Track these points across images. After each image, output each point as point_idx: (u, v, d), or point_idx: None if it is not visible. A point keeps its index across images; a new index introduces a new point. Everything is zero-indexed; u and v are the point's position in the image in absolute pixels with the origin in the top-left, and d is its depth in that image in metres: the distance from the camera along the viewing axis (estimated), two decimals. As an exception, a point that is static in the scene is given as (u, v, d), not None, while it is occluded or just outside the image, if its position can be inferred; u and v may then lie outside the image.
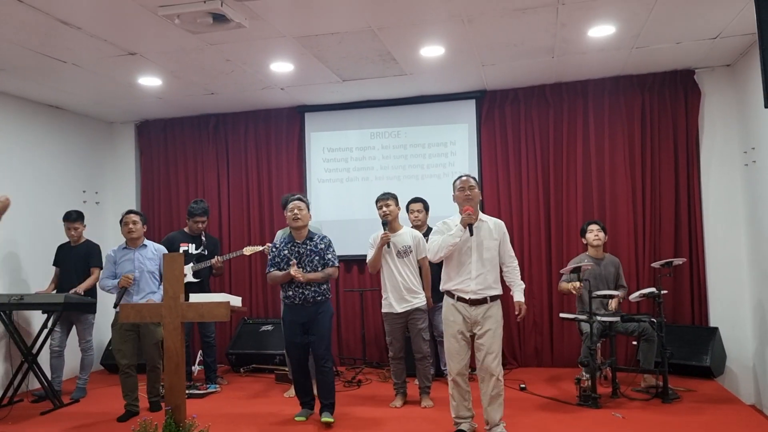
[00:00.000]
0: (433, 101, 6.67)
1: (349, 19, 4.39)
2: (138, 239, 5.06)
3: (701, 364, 5.47)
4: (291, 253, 4.62)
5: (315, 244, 4.66)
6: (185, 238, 5.98)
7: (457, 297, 4.06)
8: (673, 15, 4.50)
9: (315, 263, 4.60)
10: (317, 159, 7.03)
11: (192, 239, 5.97)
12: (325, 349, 4.61)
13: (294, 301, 4.58)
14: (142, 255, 5.04)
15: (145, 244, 5.13)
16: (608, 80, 6.17)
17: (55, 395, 5.38)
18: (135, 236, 5.03)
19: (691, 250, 5.95)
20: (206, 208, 6.03)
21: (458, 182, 4.14)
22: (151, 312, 3.67)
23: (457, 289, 4.05)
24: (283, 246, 4.68)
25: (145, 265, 5.01)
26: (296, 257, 4.60)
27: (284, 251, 4.65)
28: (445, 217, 4.26)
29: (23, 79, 5.55)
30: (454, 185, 4.16)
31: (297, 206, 4.61)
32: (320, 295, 4.58)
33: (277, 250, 4.69)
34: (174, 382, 3.39)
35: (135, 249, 5.05)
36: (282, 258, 4.64)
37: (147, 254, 5.07)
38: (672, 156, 6.05)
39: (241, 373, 6.49)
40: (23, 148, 6.22)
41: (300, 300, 4.55)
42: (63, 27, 4.33)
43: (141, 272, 5.00)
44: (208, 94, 6.37)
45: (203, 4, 3.92)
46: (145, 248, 5.09)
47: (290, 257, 4.60)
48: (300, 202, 4.66)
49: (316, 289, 4.56)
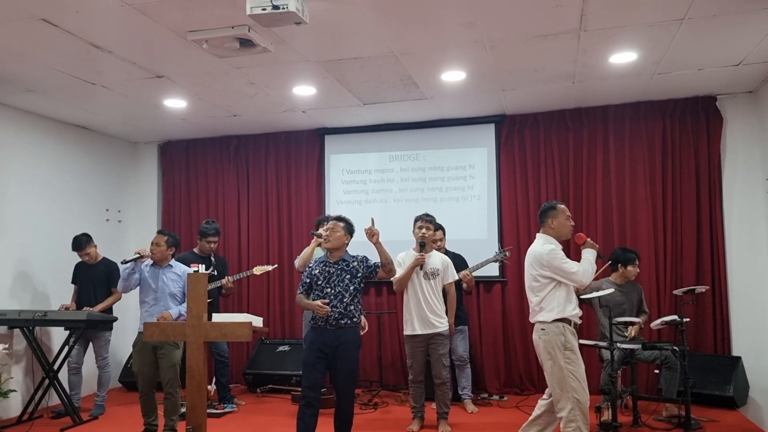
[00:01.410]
0: (453, 125, 6.71)
1: (372, 44, 4.47)
2: (161, 260, 5.01)
3: (724, 393, 5.38)
4: (321, 273, 4.37)
5: (347, 263, 4.40)
6: (196, 259, 5.89)
7: (573, 323, 3.96)
8: (696, 42, 4.52)
9: (346, 282, 4.31)
10: (336, 181, 7.09)
11: (202, 260, 5.91)
12: (350, 384, 4.31)
13: (318, 322, 4.31)
14: (166, 276, 4.99)
15: (171, 264, 5.06)
16: (629, 106, 6.18)
17: (75, 411, 5.41)
18: (156, 257, 5.00)
19: (713, 278, 5.89)
20: (218, 228, 6.06)
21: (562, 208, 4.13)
22: (175, 331, 3.70)
23: (573, 315, 3.96)
24: (316, 265, 4.45)
25: (167, 286, 4.98)
26: (325, 277, 4.34)
27: (315, 270, 4.41)
28: (463, 241, 4.25)
29: (53, 99, 5.68)
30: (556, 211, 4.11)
31: (330, 227, 4.43)
32: (345, 318, 4.26)
33: (309, 269, 4.46)
34: (196, 401, 3.41)
35: (160, 269, 5.05)
36: (312, 278, 4.39)
37: (171, 276, 5.00)
38: (693, 182, 6.02)
39: (258, 394, 6.48)
40: (50, 166, 6.35)
41: (323, 321, 4.27)
42: (95, 50, 4.44)
43: (162, 293, 4.97)
44: (230, 116, 6.47)
45: (231, 29, 4.01)
46: (170, 269, 5.06)
47: (319, 277, 4.37)
48: (336, 222, 4.44)
49: (341, 311, 4.24)
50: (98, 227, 6.58)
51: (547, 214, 4.12)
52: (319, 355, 4.24)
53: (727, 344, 5.80)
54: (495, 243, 6.39)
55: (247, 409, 5.96)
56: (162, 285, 4.95)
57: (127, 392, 6.65)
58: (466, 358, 5.71)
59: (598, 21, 4.12)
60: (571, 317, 3.92)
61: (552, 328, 3.89)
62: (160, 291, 4.94)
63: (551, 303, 3.93)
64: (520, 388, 6.37)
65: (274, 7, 3.31)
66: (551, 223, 4.09)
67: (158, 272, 4.99)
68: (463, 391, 5.73)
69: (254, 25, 3.95)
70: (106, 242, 6.32)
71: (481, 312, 6.53)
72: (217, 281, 5.89)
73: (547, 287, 3.95)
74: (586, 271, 3.95)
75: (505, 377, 6.44)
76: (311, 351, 4.28)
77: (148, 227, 7.49)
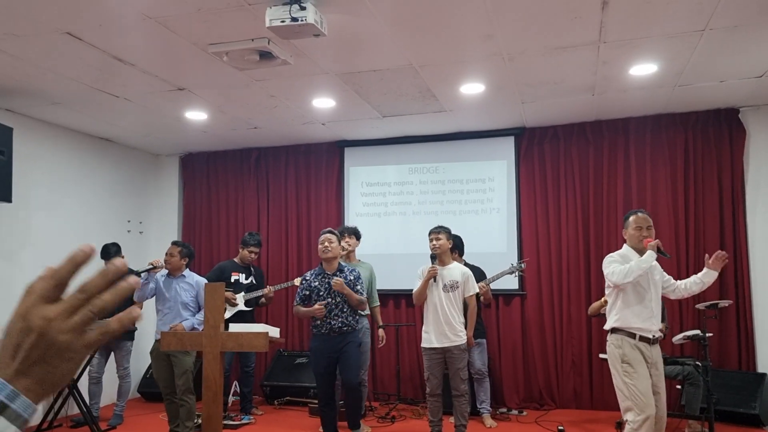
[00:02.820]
0: (472, 137, 6.70)
1: (391, 56, 4.49)
2: (175, 270, 5.12)
3: (749, 411, 5.25)
4: (321, 284, 4.76)
5: (344, 276, 4.78)
6: (236, 268, 6.15)
7: (639, 337, 3.85)
8: (717, 53, 4.48)
9: (344, 295, 4.72)
10: (356, 193, 7.10)
11: (242, 269, 6.14)
12: (356, 377, 4.73)
13: (321, 330, 4.71)
14: (179, 285, 5.09)
15: (184, 274, 5.16)
16: (650, 118, 6.12)
17: (94, 421, 5.44)
18: (169, 267, 5.11)
19: (737, 292, 5.78)
20: (260, 240, 6.28)
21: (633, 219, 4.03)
22: (192, 341, 3.72)
23: (640, 328, 3.85)
24: (313, 278, 4.83)
25: (180, 296, 5.07)
26: (326, 288, 4.73)
27: (314, 283, 4.80)
28: (482, 254, 4.23)
29: (77, 112, 5.79)
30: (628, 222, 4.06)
31: (327, 239, 4.79)
32: (347, 326, 4.71)
33: (307, 282, 4.85)
34: (212, 412, 3.41)
35: (174, 278, 5.13)
36: (312, 290, 4.78)
37: (183, 285, 5.09)
38: (716, 196, 5.93)
39: (275, 405, 6.48)
40: (73, 178, 6.46)
41: (326, 329, 4.68)
42: (118, 64, 4.52)
43: (175, 302, 5.06)
44: (251, 129, 6.53)
45: (251, 42, 4.06)
46: (183, 279, 5.14)
47: (320, 288, 4.73)
48: (331, 234, 4.82)
49: (343, 320, 4.69)
50: (120, 238, 6.62)
51: (624, 225, 4.12)
52: (328, 362, 4.69)
53: (752, 360, 5.67)
54: (514, 256, 6.35)
55: (264, 419, 5.96)
56: (175, 294, 5.07)
57: (146, 402, 6.68)
58: (484, 372, 5.65)
59: (618, 32, 4.09)
60: (631, 329, 3.84)
61: (612, 339, 3.93)
62: (172, 300, 5.06)
63: (612, 311, 3.97)
64: (539, 402, 6.28)
65: (293, 20, 3.35)
66: (624, 234, 4.10)
67: (172, 282, 5.10)
68: (481, 405, 5.67)
69: (274, 38, 3.99)
70: (127, 253, 6.37)
71: (500, 325, 6.47)
72: (258, 290, 6.04)
73: (611, 295, 3.99)
74: (622, 271, 3.80)
75: (524, 392, 6.36)
76: (320, 359, 4.72)
77: (169, 238, 7.50)
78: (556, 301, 6.34)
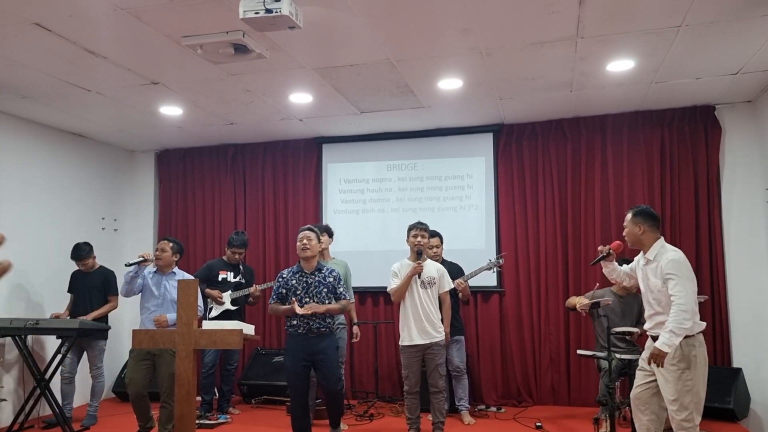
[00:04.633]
0: (450, 134, 6.69)
1: (368, 51, 4.44)
2: (166, 265, 5.05)
3: (724, 406, 5.30)
4: (299, 283, 4.63)
5: (324, 276, 4.67)
6: (224, 266, 6.10)
7: (651, 336, 3.95)
8: (693, 50, 4.50)
9: (322, 295, 4.61)
10: (334, 190, 7.05)
11: (231, 267, 6.09)
12: (336, 384, 4.61)
13: (298, 330, 4.57)
14: (168, 282, 5.00)
15: (174, 271, 5.09)
16: (627, 115, 6.15)
17: (66, 422, 5.33)
18: (161, 263, 5.04)
19: (712, 289, 5.83)
20: (245, 240, 6.17)
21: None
22: (165, 338, 3.64)
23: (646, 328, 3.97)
24: (291, 276, 4.69)
25: (170, 293, 4.98)
26: (304, 287, 4.61)
27: (292, 281, 4.65)
28: (460, 250, 4.22)
29: (48, 107, 5.66)
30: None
31: (306, 236, 4.67)
32: (325, 327, 4.59)
33: (284, 280, 4.69)
34: (184, 410, 3.34)
35: (163, 275, 5.05)
36: (289, 288, 4.63)
37: (173, 283, 4.96)
38: (692, 193, 5.98)
39: (253, 404, 6.41)
40: (46, 174, 6.32)
41: (304, 329, 4.55)
42: (89, 56, 4.42)
43: (164, 299, 4.98)
44: (227, 124, 6.44)
45: (225, 35, 3.99)
46: (173, 276, 5.05)
47: (297, 287, 4.61)
48: (310, 232, 4.70)
49: (320, 321, 4.56)
50: (94, 236, 6.52)
51: None
52: (304, 363, 4.55)
53: (727, 356, 5.73)
54: (493, 253, 6.34)
55: (241, 418, 5.89)
56: (164, 291, 4.99)
57: (121, 403, 6.56)
58: (462, 369, 5.64)
59: (595, 28, 4.09)
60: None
61: None
62: (162, 297, 4.98)
63: None
64: (517, 399, 6.29)
65: (267, 11, 3.29)
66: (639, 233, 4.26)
67: (161, 279, 5.02)
68: (460, 402, 5.66)
69: (249, 31, 3.93)
70: (102, 251, 6.26)
71: (479, 322, 6.47)
72: (245, 289, 6.03)
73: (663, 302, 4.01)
74: None
75: (503, 388, 6.36)
76: (296, 360, 4.57)
77: (145, 236, 7.45)
78: (534, 298, 6.34)
